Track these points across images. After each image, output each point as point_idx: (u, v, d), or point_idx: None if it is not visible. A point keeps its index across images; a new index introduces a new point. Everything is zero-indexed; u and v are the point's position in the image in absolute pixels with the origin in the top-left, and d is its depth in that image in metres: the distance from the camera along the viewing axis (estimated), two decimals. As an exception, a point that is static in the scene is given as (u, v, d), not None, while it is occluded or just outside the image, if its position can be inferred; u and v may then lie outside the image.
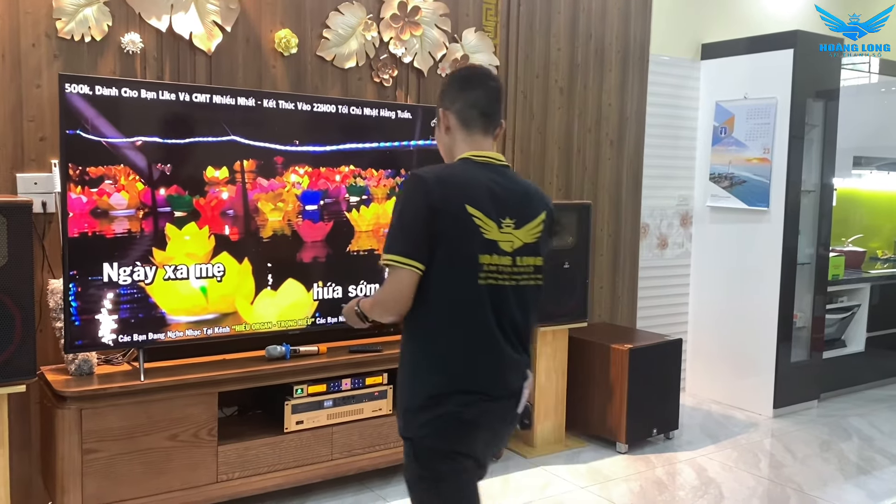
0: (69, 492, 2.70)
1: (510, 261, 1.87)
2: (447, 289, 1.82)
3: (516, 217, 1.89)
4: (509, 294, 1.87)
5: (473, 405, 1.84)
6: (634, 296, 4.88)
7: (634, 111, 4.75)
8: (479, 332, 1.84)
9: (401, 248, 1.79)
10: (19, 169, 2.90)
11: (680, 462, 3.92)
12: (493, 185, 1.87)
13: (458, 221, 1.80)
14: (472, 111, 1.94)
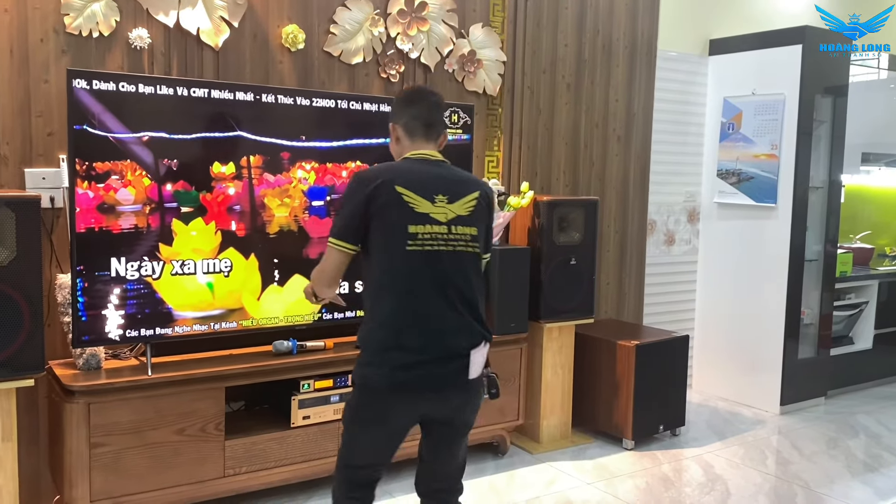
0: (77, 486, 2.72)
1: (446, 229, 2.15)
2: (383, 258, 2.13)
3: (449, 194, 2.18)
4: (446, 259, 2.14)
5: (410, 364, 2.08)
6: (641, 292, 4.88)
7: (642, 107, 4.73)
8: (414, 295, 2.11)
9: (336, 231, 2.16)
10: (27, 164, 2.91)
11: (686, 459, 3.91)
12: (425, 173, 2.20)
13: (388, 200, 2.11)
14: (415, 122, 2.27)
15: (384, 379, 2.10)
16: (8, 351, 2.52)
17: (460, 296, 2.14)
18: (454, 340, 2.12)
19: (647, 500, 3.39)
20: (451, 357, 2.12)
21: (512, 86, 4.16)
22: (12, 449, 2.63)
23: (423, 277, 2.11)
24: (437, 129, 2.30)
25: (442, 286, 2.12)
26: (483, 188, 2.28)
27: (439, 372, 2.11)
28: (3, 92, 2.85)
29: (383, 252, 2.12)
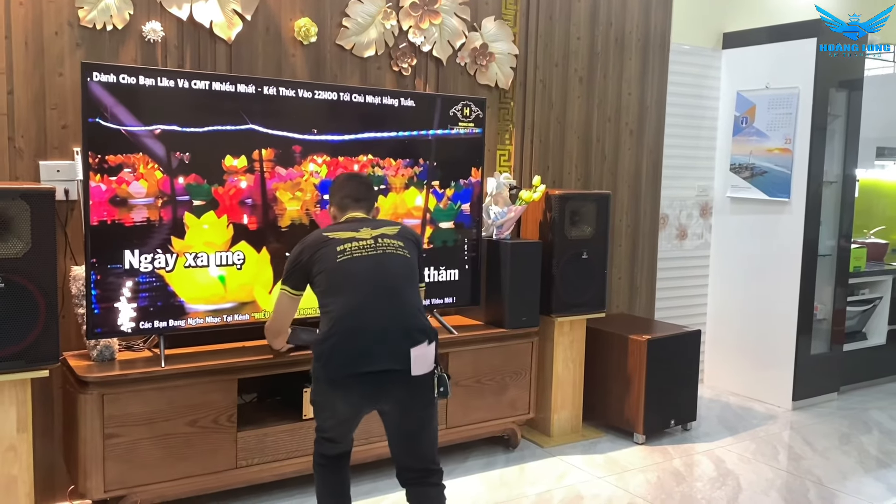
0: (91, 476, 2.74)
1: (371, 241, 2.48)
2: (322, 278, 2.45)
3: (371, 226, 2.57)
4: (376, 260, 2.44)
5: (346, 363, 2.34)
6: (653, 286, 4.86)
7: (655, 100, 4.71)
8: (352, 296, 2.39)
9: (283, 280, 2.62)
10: (42, 156, 2.93)
11: (698, 453, 3.90)
12: (349, 223, 2.60)
13: (318, 244, 2.50)
14: (346, 200, 2.68)
15: (326, 369, 2.37)
16: (24, 342, 2.54)
17: (396, 293, 2.42)
18: (393, 338, 2.35)
19: (659, 494, 3.39)
20: (390, 354, 2.33)
21: (524, 79, 4.15)
22: (27, 439, 2.65)
23: (357, 279, 2.40)
24: (367, 203, 2.69)
25: (377, 284, 2.40)
26: (403, 225, 2.69)
27: (374, 369, 2.32)
28: (19, 84, 2.86)
29: (323, 275, 2.45)
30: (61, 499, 3.05)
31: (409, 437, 2.46)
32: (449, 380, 2.46)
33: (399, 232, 2.57)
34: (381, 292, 2.40)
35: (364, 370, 2.32)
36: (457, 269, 3.68)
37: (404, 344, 2.34)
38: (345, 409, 2.44)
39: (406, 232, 2.62)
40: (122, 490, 2.80)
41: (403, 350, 2.33)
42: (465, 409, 3.55)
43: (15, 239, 2.52)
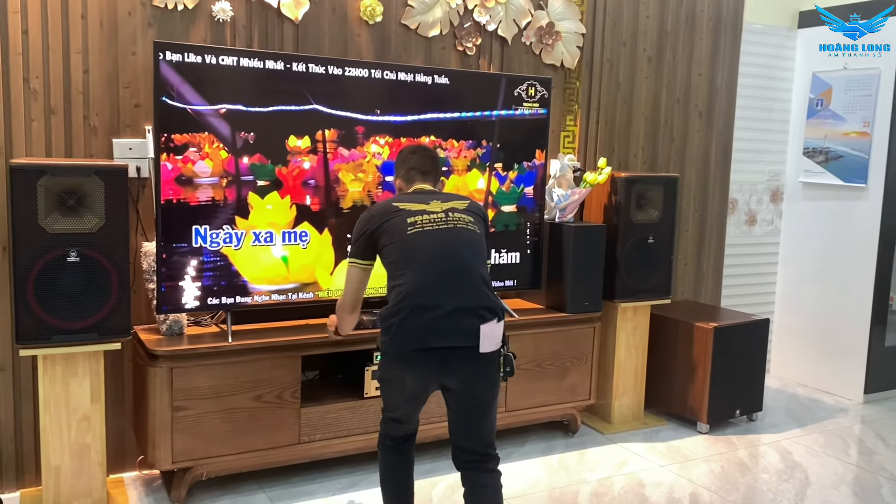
0: (160, 447, 2.81)
1: (442, 214, 2.42)
2: (392, 250, 2.38)
3: (441, 199, 2.49)
4: (447, 234, 2.37)
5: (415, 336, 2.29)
6: (720, 273, 4.74)
7: (725, 81, 4.57)
8: (422, 270, 2.32)
9: (351, 252, 2.54)
10: (115, 134, 3.00)
11: (763, 444, 3.81)
12: (417, 195, 2.53)
13: (387, 213, 2.43)
14: (412, 172, 2.60)
15: (397, 342, 2.31)
16: (97, 315, 2.62)
17: (467, 268, 2.35)
18: (463, 303, 2.29)
19: (723, 484, 3.32)
20: (459, 317, 2.28)
21: (591, 59, 4.07)
22: (100, 409, 2.74)
23: (428, 253, 2.33)
24: (432, 176, 2.61)
25: (447, 259, 2.34)
26: (472, 200, 2.58)
27: (447, 332, 2.27)
28: (94, 64, 2.93)
29: (392, 247, 2.38)
30: (131, 468, 3.15)
31: (471, 418, 2.40)
32: (514, 359, 2.41)
33: (468, 207, 2.50)
34: (452, 268, 2.34)
35: (433, 345, 2.27)
36: (518, 252, 3.64)
37: (474, 321, 2.28)
38: (412, 383, 2.38)
39: (475, 207, 2.55)
40: (189, 462, 2.87)
41: (473, 327, 2.27)
42: (524, 392, 3.53)
43: (89, 214, 2.59)
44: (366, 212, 2.52)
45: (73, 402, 2.70)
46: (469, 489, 2.40)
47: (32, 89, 2.84)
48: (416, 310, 2.28)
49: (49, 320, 2.56)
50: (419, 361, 2.31)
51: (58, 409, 2.68)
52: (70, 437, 2.71)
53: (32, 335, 2.56)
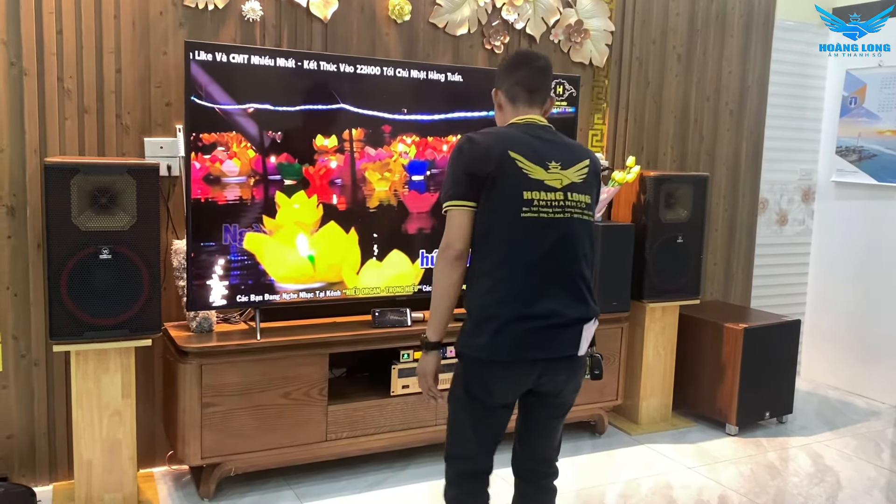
0: (189, 443, 2.84)
1: (561, 196, 2.03)
2: (496, 225, 2.00)
3: (561, 161, 2.06)
4: (561, 227, 2.02)
5: (520, 333, 1.98)
6: (750, 273, 4.69)
7: (756, 79, 4.51)
8: (527, 263, 1.99)
9: (451, 193, 2.02)
10: (147, 133, 3.03)
11: (793, 447, 3.75)
12: (533, 139, 2.07)
13: (503, 165, 1.99)
14: (517, 88, 2.15)
15: (492, 349, 1.98)
16: (129, 312, 2.65)
17: (574, 266, 2.03)
18: (566, 312, 2.00)
19: (752, 487, 3.28)
20: (563, 329, 2.00)
21: (619, 57, 4.04)
22: (131, 405, 2.77)
23: (538, 246, 1.99)
24: (541, 94, 2.16)
25: (556, 255, 2.00)
26: (591, 156, 2.16)
27: (549, 344, 1.99)
28: (126, 64, 2.96)
29: (496, 220, 1.99)
30: (160, 463, 3.18)
31: (548, 426, 2.17)
32: (602, 360, 2.18)
33: (587, 178, 2.10)
34: (558, 260, 2.01)
35: (533, 357, 2.00)
36: (546, 250, 3.62)
37: (575, 318, 2.02)
38: (507, 393, 2.07)
39: (594, 169, 2.14)
40: (218, 458, 2.89)
41: (575, 325, 2.02)
42: (551, 392, 3.51)
43: (121, 212, 2.62)
44: (468, 143, 2.03)
45: (105, 398, 2.73)
46: (522, 500, 2.23)
47: (66, 89, 2.88)
48: (518, 319, 1.97)
49: (82, 316, 2.60)
50: (513, 370, 2.02)
51: (90, 404, 2.72)
52: (102, 432, 2.74)
53: (66, 331, 2.60)
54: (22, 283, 2.89)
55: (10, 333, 2.89)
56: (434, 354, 2.09)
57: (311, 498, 3.02)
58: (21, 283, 2.88)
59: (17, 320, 2.89)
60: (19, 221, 2.86)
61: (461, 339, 2.06)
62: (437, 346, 2.09)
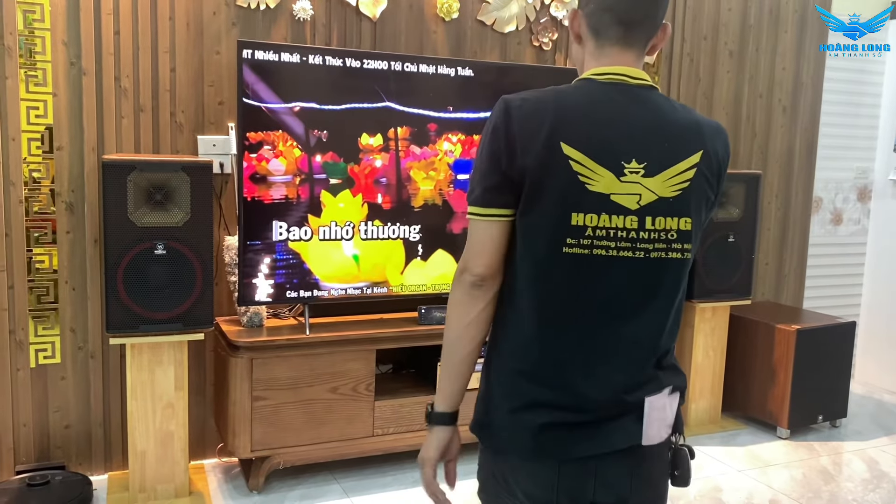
0: (239, 435, 2.89)
1: (635, 222, 1.27)
2: (527, 259, 1.30)
3: (648, 159, 1.27)
4: (629, 271, 1.27)
5: (551, 424, 1.30)
6: (802, 274, 4.58)
7: (811, 76, 4.41)
8: (569, 324, 1.29)
9: (477, 195, 1.32)
10: (200, 131, 3.09)
11: (847, 452, 3.66)
12: (615, 113, 1.30)
13: (548, 168, 1.25)
14: (605, 16, 1.32)
15: (514, 440, 1.33)
16: (182, 306, 2.70)
17: (643, 331, 1.31)
18: (621, 389, 1.31)
19: (804, 492, 3.21)
20: (612, 415, 1.31)
21: (670, 53, 3.98)
22: (184, 397, 2.83)
23: (586, 298, 1.29)
24: (644, 27, 1.33)
25: (615, 314, 1.29)
26: (708, 142, 1.32)
27: (596, 434, 1.30)
28: (181, 63, 3.02)
29: (528, 249, 1.29)
30: (211, 455, 3.24)
31: None
32: (692, 458, 1.38)
33: (691, 187, 1.29)
34: (617, 321, 1.30)
35: (576, 435, 1.31)
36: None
37: (636, 394, 1.32)
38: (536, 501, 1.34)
39: (711, 166, 1.32)
40: (267, 451, 2.93)
41: (636, 403, 1.31)
42: (598, 391, 3.48)
43: (176, 209, 2.68)
44: (503, 114, 1.31)
45: (159, 390, 2.79)
46: None
47: (123, 88, 2.95)
48: (541, 406, 1.31)
49: (137, 310, 2.66)
50: (548, 465, 1.32)
51: (144, 396, 2.78)
52: (155, 423, 2.80)
53: (121, 324, 2.66)
54: (79, 278, 2.97)
55: (67, 326, 2.97)
56: (441, 431, 1.40)
57: (357, 492, 3.05)
58: (78, 278, 2.96)
59: (74, 314, 2.98)
60: (77, 217, 2.94)
61: (478, 419, 1.41)
62: (446, 420, 1.40)
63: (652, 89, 1.34)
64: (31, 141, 2.85)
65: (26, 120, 2.83)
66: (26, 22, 2.79)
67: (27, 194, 2.87)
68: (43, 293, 2.92)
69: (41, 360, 2.95)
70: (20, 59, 2.80)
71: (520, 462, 1.34)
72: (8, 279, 2.87)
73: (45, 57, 2.83)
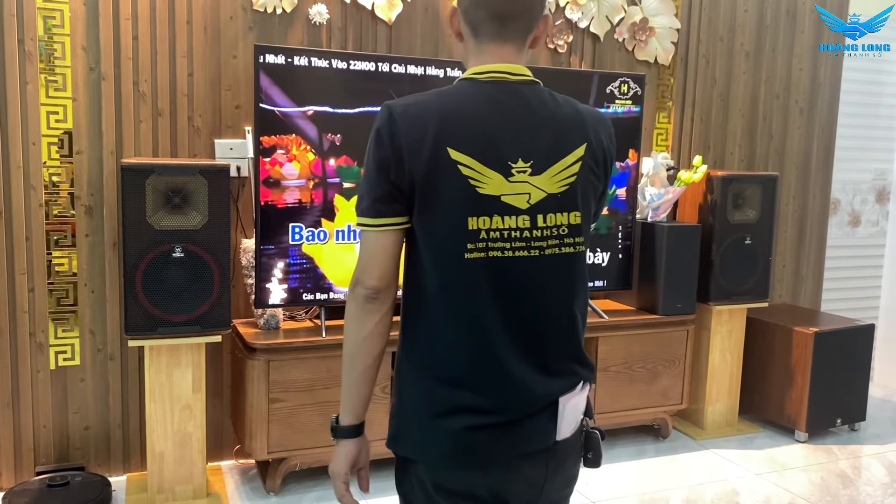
0: (256, 437, 2.90)
1: (527, 221, 1.30)
2: (429, 265, 1.31)
3: (534, 157, 1.30)
4: (527, 269, 1.30)
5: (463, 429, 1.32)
6: (820, 276, 4.55)
7: (828, 76, 4.38)
8: (474, 327, 1.31)
9: (366, 206, 1.31)
10: (217, 135, 3.11)
11: (866, 456, 3.63)
12: (498, 113, 1.31)
13: (437, 174, 1.27)
14: (480, 12, 1.33)
15: (436, 447, 1.35)
16: (200, 309, 2.72)
17: (553, 328, 1.35)
18: (533, 389, 1.33)
19: (823, 496, 3.18)
20: (531, 412, 1.33)
21: (685, 54, 3.97)
22: (201, 399, 2.85)
23: (494, 301, 1.30)
24: (520, 21, 1.35)
25: (523, 314, 1.32)
26: (593, 131, 1.37)
27: (509, 437, 1.33)
28: (198, 67, 3.04)
29: (431, 258, 1.31)
30: (228, 457, 3.26)
31: None
32: (603, 439, 1.44)
33: (578, 180, 1.33)
34: (521, 321, 1.32)
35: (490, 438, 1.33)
36: (608, 253, 3.59)
37: (550, 392, 1.35)
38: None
39: (596, 154, 1.36)
40: (284, 452, 2.95)
41: (549, 401, 1.35)
42: (614, 395, 3.48)
43: (193, 212, 2.70)
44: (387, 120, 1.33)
45: (177, 392, 2.81)
46: None
47: (141, 92, 2.98)
48: (453, 391, 1.33)
49: (155, 313, 2.68)
50: (463, 470, 1.35)
51: (162, 397, 2.80)
52: (173, 425, 2.82)
53: (140, 327, 2.68)
54: (98, 280, 2.99)
55: (87, 329, 3.00)
56: (348, 445, 1.44)
57: (374, 494, 3.04)
58: (98, 280, 2.99)
59: (93, 316, 3.00)
60: (96, 221, 2.97)
61: (393, 424, 1.43)
62: (352, 433, 1.44)
63: (533, 84, 1.37)
64: (50, 145, 2.88)
65: (46, 124, 2.87)
66: (46, 27, 2.82)
67: (47, 198, 2.90)
68: (62, 296, 2.95)
69: (61, 361, 2.98)
70: (40, 65, 2.83)
71: (444, 468, 1.35)
72: (28, 282, 2.90)
73: (65, 62, 2.86)
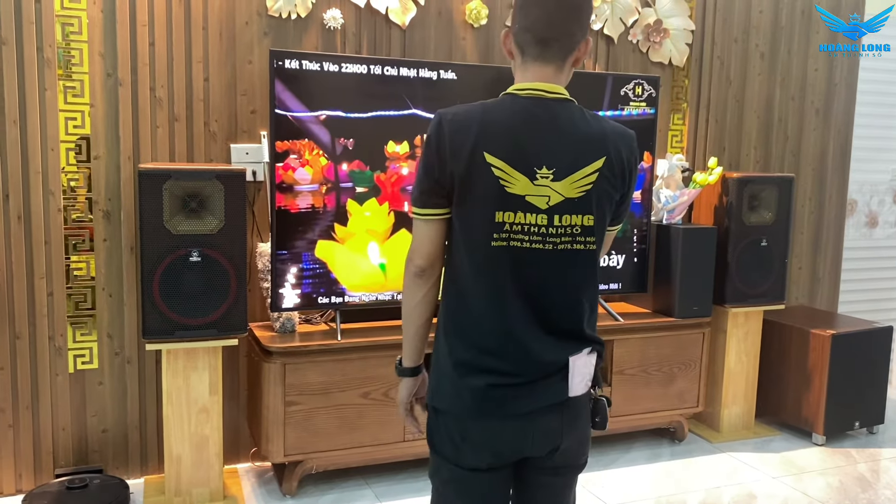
0: (273, 440, 2.92)
1: (545, 219, 1.52)
2: (461, 251, 1.57)
3: (556, 166, 1.52)
4: (541, 261, 1.54)
5: (487, 386, 1.56)
6: (837, 278, 4.52)
7: (844, 77, 4.35)
8: (495, 304, 1.55)
9: (415, 197, 1.59)
10: (233, 139, 3.13)
11: (885, 459, 3.60)
12: (530, 126, 1.53)
13: (474, 174, 1.51)
14: (526, 35, 1.54)
15: (462, 401, 1.58)
16: (217, 312, 2.74)
17: (565, 311, 1.59)
18: (545, 355, 1.57)
19: (841, 500, 3.16)
20: (545, 374, 1.57)
21: (700, 56, 3.95)
22: (218, 402, 2.87)
23: (516, 284, 1.55)
24: (561, 44, 1.55)
25: (540, 297, 1.56)
26: (611, 148, 1.57)
27: (526, 394, 1.57)
28: (214, 72, 3.07)
29: (462, 245, 1.57)
30: (244, 459, 3.28)
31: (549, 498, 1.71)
32: (609, 406, 1.68)
33: (593, 189, 1.55)
34: (534, 304, 1.57)
35: (513, 394, 1.57)
36: (623, 256, 3.58)
37: (560, 356, 1.58)
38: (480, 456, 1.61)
39: (605, 179, 1.56)
40: (300, 455, 2.96)
41: (560, 363, 1.58)
42: (630, 397, 3.47)
43: (210, 216, 2.71)
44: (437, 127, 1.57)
45: (193, 395, 2.83)
46: None
47: (158, 98, 3.00)
48: (477, 355, 1.58)
49: (172, 316, 2.70)
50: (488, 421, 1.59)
51: (179, 400, 2.82)
52: (190, 428, 2.84)
53: (157, 330, 2.70)
54: (116, 285, 3.02)
55: (105, 332, 3.02)
56: (409, 381, 1.73)
57: (389, 497, 3.06)
58: (115, 285, 3.02)
59: (111, 320, 3.03)
60: (114, 225, 3.00)
61: (430, 379, 1.69)
62: (410, 373, 1.73)
63: (566, 101, 1.58)
64: (68, 151, 2.91)
65: (64, 130, 2.89)
66: (64, 34, 2.85)
67: (65, 203, 2.93)
68: (81, 300, 2.98)
69: (79, 365, 3.00)
70: (59, 71, 2.86)
71: (469, 418, 1.59)
72: (47, 286, 2.93)
73: (83, 68, 2.89)
